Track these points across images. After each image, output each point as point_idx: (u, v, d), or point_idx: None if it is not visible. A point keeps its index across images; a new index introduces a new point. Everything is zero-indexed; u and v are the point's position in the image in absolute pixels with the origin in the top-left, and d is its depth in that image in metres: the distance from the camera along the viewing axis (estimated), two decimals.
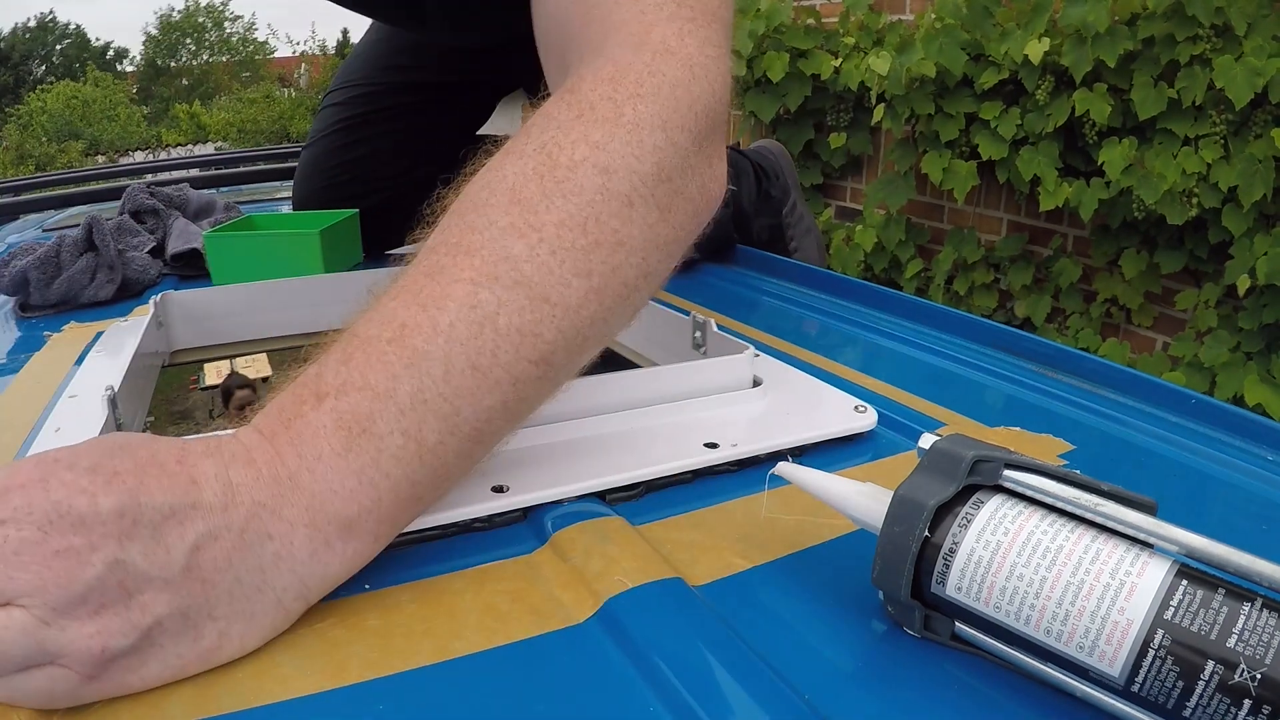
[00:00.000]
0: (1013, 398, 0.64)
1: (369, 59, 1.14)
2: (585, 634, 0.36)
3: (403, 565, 0.41)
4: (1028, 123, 2.18)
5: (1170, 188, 1.90)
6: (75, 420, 0.56)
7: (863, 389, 0.65)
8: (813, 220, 1.27)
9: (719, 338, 0.65)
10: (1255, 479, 0.51)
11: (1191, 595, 0.29)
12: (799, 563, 0.42)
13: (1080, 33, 2.00)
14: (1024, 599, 0.32)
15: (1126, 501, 0.33)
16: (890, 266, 2.76)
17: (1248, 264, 1.84)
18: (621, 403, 0.55)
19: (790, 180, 1.24)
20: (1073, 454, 0.54)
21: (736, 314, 0.86)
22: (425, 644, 0.36)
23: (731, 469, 0.51)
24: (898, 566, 0.34)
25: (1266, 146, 1.79)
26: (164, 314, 0.79)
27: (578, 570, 0.40)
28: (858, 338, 0.80)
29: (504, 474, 0.47)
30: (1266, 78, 1.75)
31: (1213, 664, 0.28)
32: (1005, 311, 2.51)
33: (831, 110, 2.84)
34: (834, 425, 0.55)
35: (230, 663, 0.34)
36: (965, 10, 2.27)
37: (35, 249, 0.91)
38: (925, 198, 2.70)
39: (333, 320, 0.96)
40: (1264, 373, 1.89)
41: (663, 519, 0.46)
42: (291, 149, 2.21)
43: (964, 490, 0.35)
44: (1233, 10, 1.80)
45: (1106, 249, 2.22)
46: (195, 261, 1.01)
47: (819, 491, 0.39)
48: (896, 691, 0.33)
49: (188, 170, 2.35)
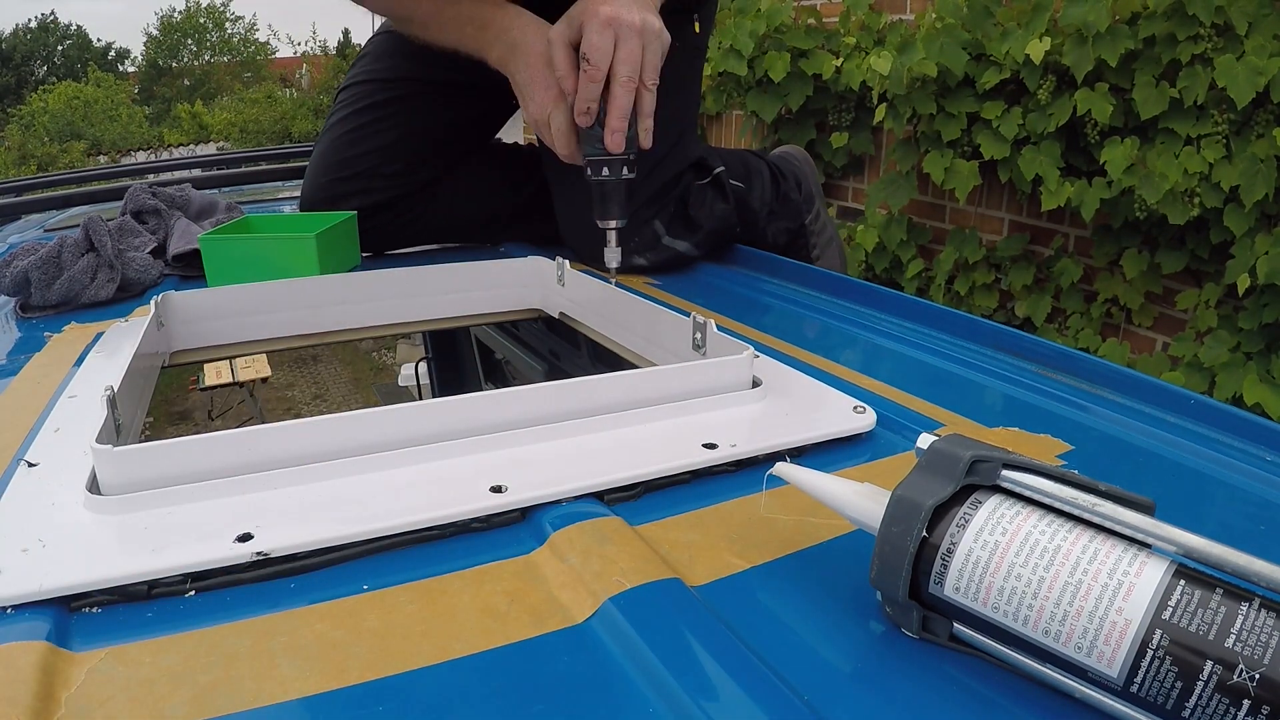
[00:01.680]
0: (1011, 398, 0.64)
1: (385, 51, 1.14)
2: (584, 634, 0.36)
3: (401, 566, 0.42)
4: (1029, 122, 2.18)
5: (1172, 187, 1.90)
6: (75, 420, 0.56)
7: (862, 390, 0.65)
8: (835, 230, 1.27)
9: (718, 338, 0.65)
10: (1253, 479, 0.51)
11: (1190, 595, 0.29)
12: (797, 563, 0.42)
13: (1081, 32, 1.99)
14: (1022, 599, 0.32)
15: (1124, 501, 0.33)
16: (891, 266, 2.75)
17: (1249, 264, 1.84)
18: (621, 403, 0.55)
19: (814, 188, 1.24)
20: (1071, 454, 0.54)
21: (736, 315, 0.86)
22: (424, 645, 0.36)
23: (730, 469, 0.51)
24: (896, 567, 0.34)
25: (1268, 146, 1.78)
26: (164, 315, 0.79)
27: (576, 571, 0.40)
28: (857, 338, 0.79)
29: (502, 474, 0.47)
30: (1268, 77, 1.75)
31: (1211, 664, 0.28)
32: (1006, 311, 2.51)
33: (833, 110, 2.83)
34: (833, 426, 0.55)
35: (230, 663, 0.35)
36: (966, 10, 2.27)
37: (36, 249, 0.91)
38: (927, 197, 2.70)
39: (334, 321, 0.96)
40: (1263, 373, 1.89)
41: (661, 519, 0.46)
42: (293, 149, 2.21)
43: (962, 490, 0.35)
44: (1233, 9, 1.80)
45: (1108, 249, 2.21)
46: (196, 262, 1.01)
47: (817, 492, 0.39)
48: (894, 692, 0.33)
49: (190, 170, 2.35)
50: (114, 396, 0.54)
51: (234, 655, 0.35)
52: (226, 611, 0.38)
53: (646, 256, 1.02)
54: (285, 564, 0.41)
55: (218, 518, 0.43)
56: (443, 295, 0.92)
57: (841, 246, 1.28)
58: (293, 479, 0.47)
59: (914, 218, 2.73)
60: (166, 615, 0.38)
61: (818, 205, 1.23)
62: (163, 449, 0.46)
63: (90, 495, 0.45)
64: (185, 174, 2.09)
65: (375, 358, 7.41)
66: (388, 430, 0.50)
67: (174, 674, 0.34)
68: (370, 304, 0.89)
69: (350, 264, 1.05)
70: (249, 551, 0.41)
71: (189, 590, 0.40)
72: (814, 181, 1.24)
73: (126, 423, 0.57)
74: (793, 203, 1.19)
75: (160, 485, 0.45)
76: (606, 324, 0.83)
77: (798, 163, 1.24)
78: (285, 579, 0.41)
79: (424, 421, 0.51)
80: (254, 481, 0.46)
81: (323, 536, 0.42)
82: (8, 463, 0.52)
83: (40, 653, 0.35)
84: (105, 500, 0.44)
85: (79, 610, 0.39)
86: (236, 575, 0.40)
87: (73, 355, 0.73)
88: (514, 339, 1.59)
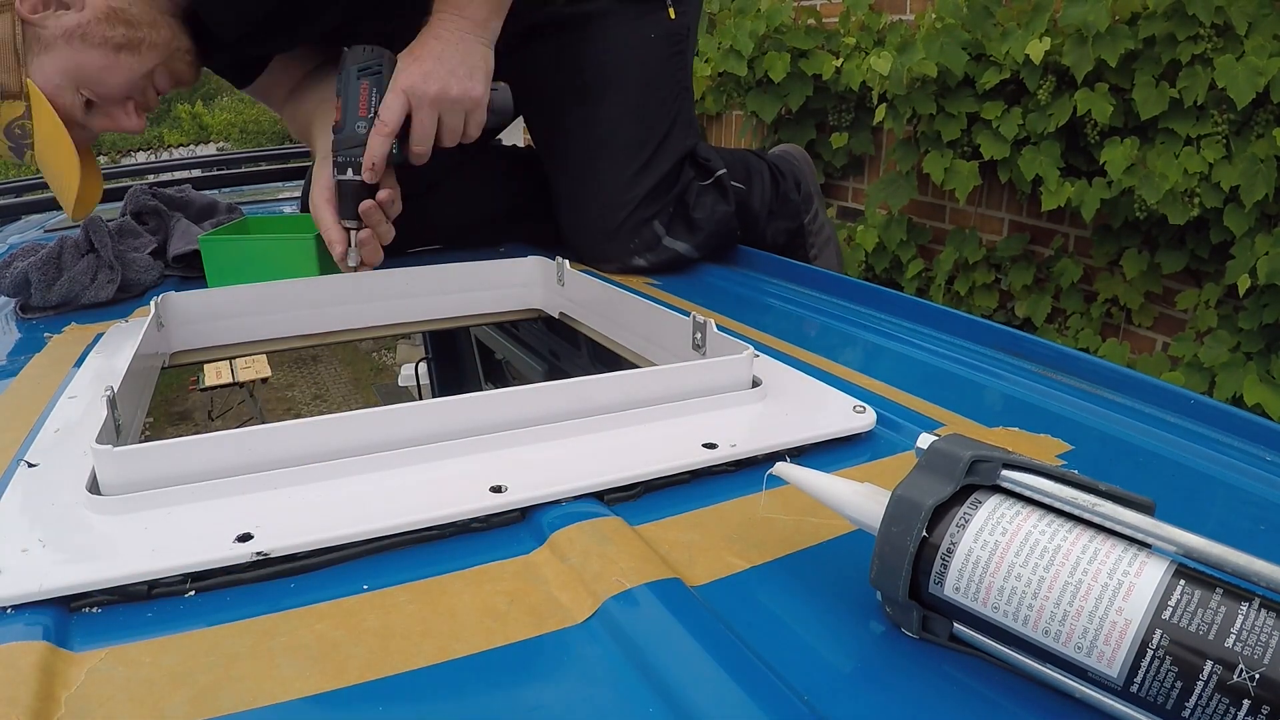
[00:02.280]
0: (1011, 398, 0.64)
1: None
2: (584, 634, 0.36)
3: (401, 566, 0.41)
4: (1029, 122, 2.18)
5: (1172, 187, 1.90)
6: (75, 421, 0.56)
7: (862, 389, 0.65)
8: (834, 231, 1.27)
9: (718, 338, 0.65)
10: (1253, 479, 0.51)
11: (1189, 595, 0.29)
12: (797, 563, 0.42)
13: (1081, 32, 1.99)
14: (1022, 599, 0.32)
15: (1124, 501, 0.33)
16: (891, 266, 2.75)
17: (1249, 264, 1.84)
18: (621, 403, 0.55)
19: (813, 188, 1.24)
20: (1071, 454, 0.54)
21: (736, 315, 0.86)
22: (424, 645, 0.36)
23: (730, 469, 0.51)
24: (896, 567, 0.34)
25: (1268, 146, 1.78)
26: (164, 315, 0.79)
27: (576, 571, 0.40)
28: (857, 338, 0.79)
29: (502, 474, 0.47)
30: (1268, 77, 1.75)
31: (1211, 664, 0.28)
32: (1006, 312, 2.51)
33: (833, 110, 2.83)
34: (833, 425, 0.55)
35: (230, 663, 0.35)
36: (966, 10, 2.27)
37: (37, 250, 0.91)
38: (927, 198, 2.70)
39: (334, 322, 0.95)
40: (1263, 373, 1.89)
41: (661, 519, 0.46)
42: (293, 149, 2.21)
43: (962, 490, 0.35)
44: (1233, 9, 1.80)
45: (1108, 249, 2.21)
46: (197, 263, 1.01)
47: (817, 492, 0.39)
48: (894, 692, 0.33)
49: (190, 171, 2.35)
50: (114, 397, 0.54)
51: (234, 655, 0.35)
52: (226, 611, 0.38)
53: (646, 257, 1.02)
54: (285, 564, 0.41)
55: (217, 518, 0.43)
56: (443, 295, 0.92)
57: (839, 246, 1.28)
58: (292, 479, 0.47)
59: (914, 218, 2.73)
60: (166, 615, 0.38)
61: (816, 205, 1.23)
62: (163, 449, 0.46)
63: (90, 495, 0.45)
64: (185, 174, 2.09)
65: (375, 358, 7.41)
66: (388, 430, 0.50)
67: (174, 674, 0.34)
68: (370, 304, 0.89)
69: None
70: (249, 551, 0.41)
71: (189, 590, 0.40)
72: (813, 181, 1.24)
73: (126, 423, 0.57)
74: (792, 203, 1.19)
75: (160, 485, 0.45)
76: (606, 324, 0.83)
77: (797, 162, 1.24)
78: (285, 579, 0.41)
79: (424, 421, 0.51)
80: (254, 482, 0.46)
81: (322, 536, 0.42)
82: (8, 463, 0.53)
83: (40, 653, 0.35)
84: (105, 500, 0.44)
85: (79, 610, 0.39)
86: (236, 575, 0.40)
87: (73, 356, 0.73)
88: (514, 339, 1.59)
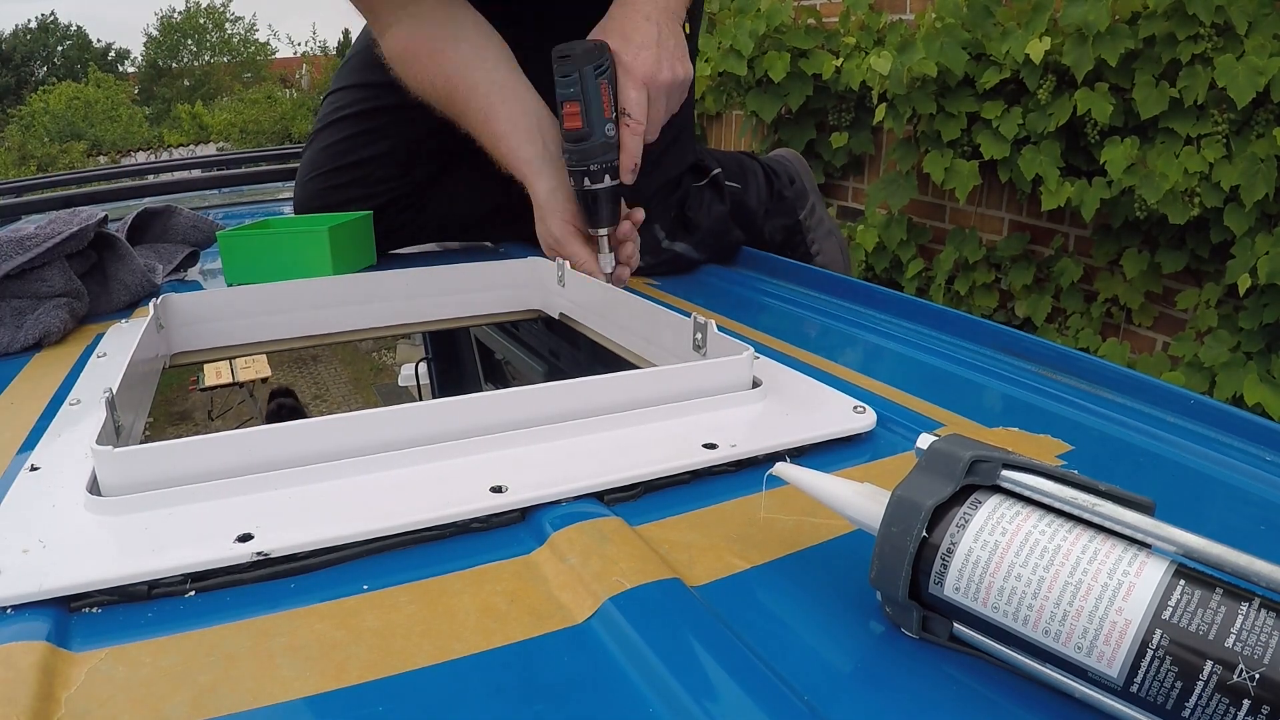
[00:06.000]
0: (1011, 398, 0.64)
1: (369, 59, 1.13)
2: (584, 635, 0.36)
3: (401, 566, 0.41)
4: (1029, 122, 2.18)
5: (1172, 187, 1.90)
6: (75, 422, 0.56)
7: (862, 390, 0.65)
8: (834, 223, 1.27)
9: (719, 339, 0.65)
10: (1253, 479, 0.51)
11: (1189, 595, 0.29)
12: (797, 563, 0.42)
13: (1081, 32, 2.00)
14: (1022, 599, 0.32)
15: (1124, 501, 0.33)
16: (891, 266, 2.76)
17: (1249, 263, 1.84)
18: (621, 403, 0.55)
19: (808, 184, 1.24)
20: (1071, 454, 0.54)
21: (736, 315, 0.86)
22: (424, 645, 0.36)
23: (730, 469, 0.51)
24: (895, 567, 0.34)
25: (1268, 146, 1.78)
26: (164, 316, 0.79)
27: (576, 571, 0.40)
28: (857, 338, 0.79)
29: (502, 474, 0.47)
30: (1268, 77, 1.75)
31: (1211, 664, 0.28)
32: (1006, 311, 2.51)
33: (833, 110, 2.84)
34: (833, 426, 0.55)
35: (230, 663, 0.35)
36: (966, 10, 2.27)
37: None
38: (927, 197, 2.70)
39: (334, 323, 0.95)
40: (1264, 373, 1.89)
41: (661, 519, 0.46)
42: (293, 150, 2.21)
43: (962, 490, 0.35)
44: (1233, 9, 1.80)
45: (1108, 249, 2.21)
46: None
47: (817, 492, 0.39)
48: (894, 692, 0.33)
49: (190, 171, 2.35)
50: (113, 398, 0.54)
51: (234, 655, 0.35)
52: (226, 611, 0.38)
53: (647, 260, 1.02)
54: (285, 564, 0.41)
55: (218, 518, 0.43)
56: (443, 296, 0.92)
57: (842, 239, 1.27)
58: (293, 479, 0.47)
59: (914, 218, 2.73)
60: (166, 615, 0.38)
61: (812, 200, 1.23)
62: (163, 450, 0.46)
63: (90, 496, 0.45)
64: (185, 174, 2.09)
65: (375, 358, 7.41)
66: (388, 430, 0.50)
67: (174, 674, 0.34)
68: (370, 305, 0.89)
69: (365, 263, 1.06)
70: (249, 552, 0.41)
71: (189, 590, 0.40)
72: (808, 178, 1.25)
73: (127, 424, 0.57)
74: (787, 200, 1.20)
75: (160, 486, 0.45)
76: (606, 324, 0.83)
77: (790, 162, 1.25)
78: (285, 579, 0.41)
79: (424, 422, 0.51)
80: (254, 482, 0.46)
81: (323, 536, 0.42)
82: (8, 464, 0.53)
83: (40, 653, 0.35)
84: (105, 501, 0.44)
85: (79, 610, 0.39)
86: (236, 575, 0.40)
87: (72, 357, 0.73)
88: (514, 339, 1.59)
